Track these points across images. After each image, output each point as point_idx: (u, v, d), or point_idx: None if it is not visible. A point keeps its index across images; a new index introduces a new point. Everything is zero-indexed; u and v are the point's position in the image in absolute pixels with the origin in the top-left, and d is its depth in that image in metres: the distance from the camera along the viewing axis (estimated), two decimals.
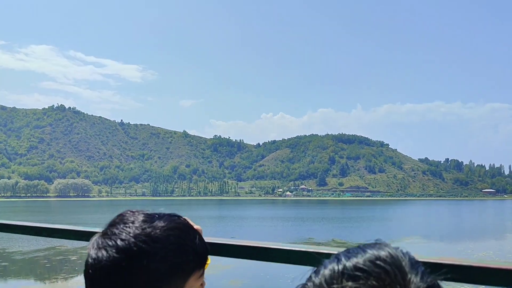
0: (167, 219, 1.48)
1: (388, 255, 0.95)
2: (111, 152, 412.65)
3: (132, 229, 1.42)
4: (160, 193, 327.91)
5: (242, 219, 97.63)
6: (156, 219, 1.48)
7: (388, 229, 75.06)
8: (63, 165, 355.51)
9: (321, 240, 57.09)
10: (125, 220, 1.47)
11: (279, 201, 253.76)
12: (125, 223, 1.46)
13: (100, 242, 1.43)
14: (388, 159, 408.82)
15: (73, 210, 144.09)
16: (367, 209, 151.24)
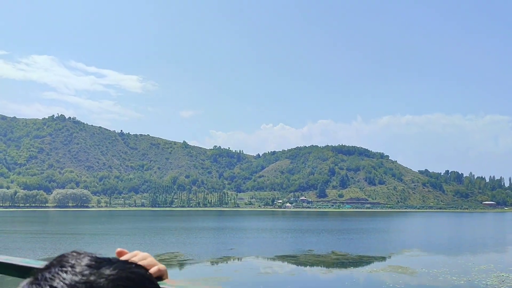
0: (118, 267, 1.24)
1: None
2: (111, 163, 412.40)
3: (69, 275, 1.16)
4: (160, 204, 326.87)
5: (241, 231, 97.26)
6: (105, 265, 1.26)
7: (388, 241, 74.73)
8: (63, 175, 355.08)
9: (321, 252, 56.84)
10: (63, 263, 1.23)
11: (278, 213, 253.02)
12: (62, 266, 1.21)
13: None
14: (388, 170, 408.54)
15: (72, 220, 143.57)
16: (367, 221, 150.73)
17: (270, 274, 40.00)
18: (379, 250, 60.67)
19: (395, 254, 56.65)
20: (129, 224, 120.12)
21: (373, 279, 37.63)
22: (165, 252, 54.45)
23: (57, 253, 16.21)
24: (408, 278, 37.52)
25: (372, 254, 55.70)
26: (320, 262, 48.57)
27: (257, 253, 55.46)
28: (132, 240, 70.99)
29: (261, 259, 50.54)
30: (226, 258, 50.87)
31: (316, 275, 40.27)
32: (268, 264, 46.56)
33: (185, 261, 47.33)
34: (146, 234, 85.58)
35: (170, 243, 66.52)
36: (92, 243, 65.93)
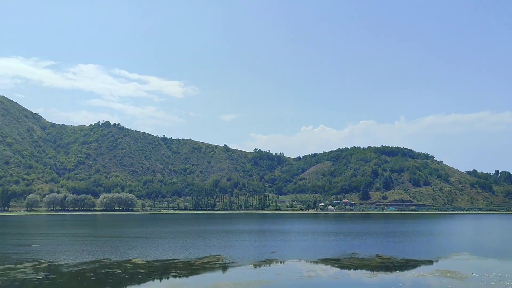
0: None
1: None
2: (154, 167, 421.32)
3: None
4: (202, 207, 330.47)
5: (283, 234, 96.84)
6: None
7: (435, 245, 72.27)
8: (109, 179, 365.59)
9: (365, 255, 55.61)
10: None
11: (321, 215, 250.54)
12: None
13: None
14: (433, 171, 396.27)
15: (118, 223, 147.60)
16: (413, 224, 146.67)
17: (313, 277, 39.44)
18: (426, 253, 58.76)
19: (443, 258, 54.68)
20: (172, 227, 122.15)
21: (420, 283, 36.39)
22: (207, 255, 54.85)
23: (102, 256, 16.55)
24: (458, 283, 36.05)
25: (418, 257, 54.00)
26: (364, 265, 47.51)
27: (299, 256, 54.94)
28: (175, 243, 72.02)
29: (304, 262, 49.99)
30: (269, 261, 50.66)
31: (360, 279, 39.37)
32: (311, 267, 45.98)
33: (228, 264, 47.45)
34: (189, 237, 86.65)
35: (212, 246, 66.99)
36: (136, 246, 67.36)
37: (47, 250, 60.26)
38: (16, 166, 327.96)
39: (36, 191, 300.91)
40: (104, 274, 40.74)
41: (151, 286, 35.71)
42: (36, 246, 65.70)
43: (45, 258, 51.57)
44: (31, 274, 39.86)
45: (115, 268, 43.92)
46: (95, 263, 47.22)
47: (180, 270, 43.36)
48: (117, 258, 51.30)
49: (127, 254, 55.46)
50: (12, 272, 40.86)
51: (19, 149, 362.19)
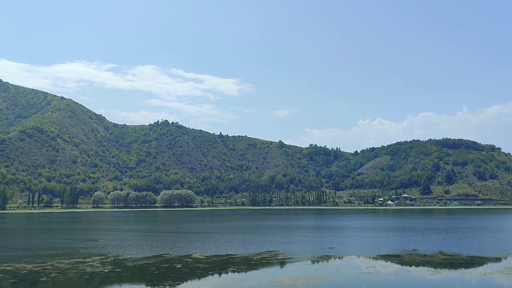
0: None
1: None
2: (212, 164, 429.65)
3: None
4: (259, 203, 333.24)
5: (341, 229, 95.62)
6: None
7: (503, 241, 68.58)
8: (168, 177, 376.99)
9: (427, 252, 53.79)
10: None
11: (380, 211, 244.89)
12: None
13: None
14: (500, 164, 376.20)
15: (177, 219, 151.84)
16: (478, 219, 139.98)
17: (373, 274, 38.65)
18: (493, 250, 55.92)
19: (510, 255, 51.83)
20: (230, 223, 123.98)
21: (488, 281, 34.71)
22: (265, 251, 55.21)
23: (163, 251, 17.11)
24: None
25: (485, 254, 51.49)
26: (426, 262, 45.96)
27: (358, 252, 54.04)
28: (233, 239, 73.05)
29: (363, 258, 49.11)
30: (327, 257, 50.22)
31: (422, 276, 38.13)
32: (370, 263, 45.09)
33: (286, 260, 47.53)
34: (246, 232, 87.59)
35: (270, 242, 67.32)
36: (195, 241, 68.97)
37: (112, 245, 63.08)
38: (82, 165, 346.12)
39: (101, 188, 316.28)
40: (166, 268, 42.09)
41: (211, 281, 36.46)
42: (102, 241, 68.94)
43: (110, 252, 54.03)
44: (98, 267, 41.90)
45: (176, 262, 45.24)
46: (157, 258, 48.87)
47: (239, 265, 43.95)
48: (178, 253, 52.81)
49: (187, 249, 56.94)
50: (81, 265, 43.16)
51: (85, 149, 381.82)
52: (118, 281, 36.31)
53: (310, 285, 33.69)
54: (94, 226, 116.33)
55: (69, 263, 44.88)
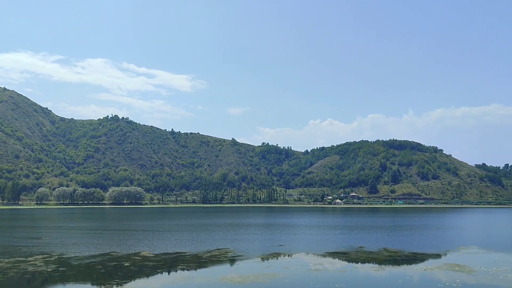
0: None
1: None
2: (163, 161, 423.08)
3: None
4: (210, 201, 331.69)
5: (291, 227, 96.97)
6: None
7: (443, 238, 72.00)
8: (117, 173, 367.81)
9: (373, 249, 55.59)
10: None
11: (328, 209, 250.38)
12: None
13: None
14: (442, 165, 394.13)
15: (126, 217, 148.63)
16: (421, 217, 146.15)
17: (321, 270, 39.51)
18: (434, 247, 58.60)
19: (451, 251, 54.53)
20: (180, 221, 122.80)
21: (428, 277, 36.34)
22: (215, 249, 55.13)
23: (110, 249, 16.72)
24: (466, 277, 35.95)
25: (426, 251, 53.87)
26: (371, 259, 47.51)
27: (307, 250, 55.04)
28: (182, 236, 72.45)
29: (311, 255, 50.08)
30: (276, 254, 50.83)
31: (368, 272, 39.38)
32: (319, 260, 46.06)
33: (236, 257, 47.67)
34: (197, 230, 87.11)
35: (220, 240, 67.30)
36: (143, 239, 67.85)
37: (56, 243, 60.92)
38: (26, 160, 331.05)
39: (46, 184, 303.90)
40: (113, 266, 41.13)
41: (159, 279, 36.01)
42: (45, 239, 66.44)
43: (54, 251, 52.16)
44: (41, 266, 40.34)
45: (124, 261, 44.31)
46: (103, 256, 47.66)
47: (188, 263, 43.65)
48: (125, 251, 51.74)
49: (135, 247, 55.92)
50: (22, 264, 41.39)
51: (29, 143, 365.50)
52: (62, 280, 35.11)
53: (260, 283, 33.98)
54: (37, 223, 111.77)
55: (9, 262, 42.92)
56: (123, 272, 38.12)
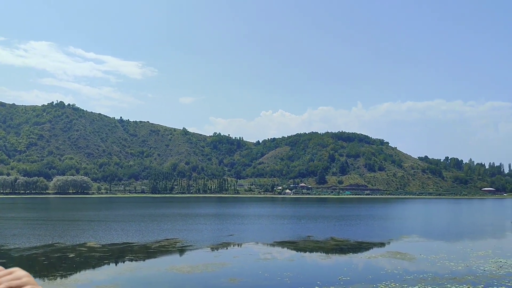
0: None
1: None
2: (111, 149, 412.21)
3: None
4: (160, 190, 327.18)
5: (241, 217, 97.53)
6: None
7: (387, 228, 74.93)
8: (62, 162, 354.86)
9: (320, 238, 56.98)
10: None
11: (278, 199, 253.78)
12: None
13: None
14: (388, 157, 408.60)
15: (72, 207, 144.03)
16: (367, 208, 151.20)
17: (270, 259, 40.06)
18: (378, 236, 60.84)
19: (394, 240, 56.81)
20: (128, 211, 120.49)
21: (372, 264, 37.71)
22: (164, 239, 54.58)
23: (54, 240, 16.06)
24: (407, 264, 37.61)
25: (371, 240, 55.85)
26: (319, 248, 48.69)
27: (256, 239, 55.60)
28: (130, 227, 71.18)
29: (261, 245, 50.66)
30: (226, 244, 51.01)
31: (315, 261, 40.35)
32: (268, 250, 46.67)
33: (185, 247, 47.43)
34: (145, 220, 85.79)
35: (168, 230, 66.66)
36: (89, 229, 66.08)
37: None
38: None
39: None
40: (57, 258, 39.81)
41: (106, 270, 35.23)
42: None
43: None
44: None
45: (69, 252, 42.98)
46: (46, 247, 46.01)
47: (136, 254, 42.98)
48: (70, 242, 50.19)
49: (81, 238, 54.36)
50: None
51: None
52: None
53: (208, 272, 34.02)
54: None
55: None
56: (68, 264, 37.00)
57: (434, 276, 31.74)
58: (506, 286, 28.36)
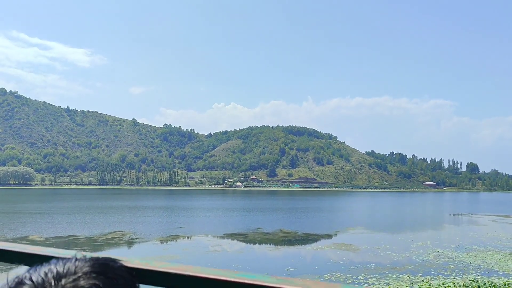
0: None
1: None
2: (56, 139, 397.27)
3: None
4: (108, 182, 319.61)
5: (191, 210, 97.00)
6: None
7: (334, 220, 77.01)
8: (3, 151, 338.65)
9: (269, 230, 57.76)
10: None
11: (229, 192, 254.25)
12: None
13: None
14: (336, 151, 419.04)
15: (13, 199, 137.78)
16: (315, 200, 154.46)
17: (219, 251, 40.23)
18: (325, 228, 62.43)
19: (340, 232, 58.49)
20: (74, 203, 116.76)
21: (319, 256, 38.72)
22: (111, 231, 53.44)
23: None
24: (352, 255, 38.90)
25: (318, 232, 57.23)
26: (268, 240, 49.36)
27: (206, 232, 55.56)
28: (75, 219, 69.12)
29: (210, 237, 50.70)
30: (175, 236, 50.67)
31: (264, 252, 40.91)
32: (217, 242, 46.81)
33: (133, 240, 46.69)
34: (90, 212, 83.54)
35: (116, 222, 65.31)
36: (31, 222, 63.58)
37: None
38: None
39: None
40: None
41: None
42: None
43: None
44: None
45: None
46: None
47: (83, 247, 41.85)
48: (11, 235, 48.12)
49: (22, 231, 52.23)
50: None
51: None
52: None
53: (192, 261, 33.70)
54: None
55: None
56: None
57: (377, 266, 33.05)
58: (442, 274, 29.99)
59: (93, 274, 1.12)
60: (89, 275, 1.12)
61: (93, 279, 1.10)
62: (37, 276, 1.12)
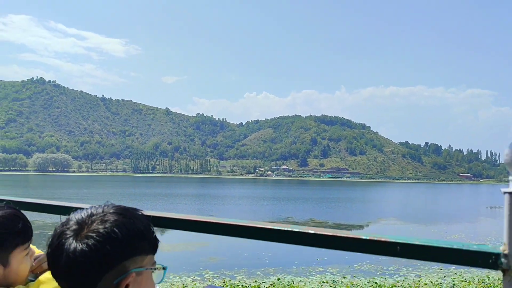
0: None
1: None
2: (92, 127, 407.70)
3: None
4: (141, 170, 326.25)
5: (222, 198, 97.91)
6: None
7: (366, 210, 76.18)
8: (42, 139, 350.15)
9: (300, 219, 57.73)
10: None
11: (260, 181, 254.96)
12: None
13: None
14: (369, 141, 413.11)
15: (51, 184, 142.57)
16: (347, 191, 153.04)
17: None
18: (357, 218, 61.87)
19: (372, 223, 57.86)
20: (109, 190, 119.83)
21: None
22: None
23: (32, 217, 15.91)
24: None
25: (350, 222, 56.78)
26: None
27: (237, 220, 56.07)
28: None
29: None
30: None
31: None
32: None
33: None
34: (124, 199, 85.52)
35: (149, 209, 66.29)
36: None
37: None
38: None
39: None
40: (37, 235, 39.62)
41: None
42: None
43: None
44: None
45: (48, 229, 42.78)
46: None
47: None
48: (49, 220, 49.92)
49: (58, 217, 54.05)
50: None
51: None
52: None
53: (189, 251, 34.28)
54: None
55: None
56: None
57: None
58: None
59: (115, 214, 1.40)
60: (113, 214, 1.41)
61: (115, 216, 1.39)
62: (78, 214, 1.41)
